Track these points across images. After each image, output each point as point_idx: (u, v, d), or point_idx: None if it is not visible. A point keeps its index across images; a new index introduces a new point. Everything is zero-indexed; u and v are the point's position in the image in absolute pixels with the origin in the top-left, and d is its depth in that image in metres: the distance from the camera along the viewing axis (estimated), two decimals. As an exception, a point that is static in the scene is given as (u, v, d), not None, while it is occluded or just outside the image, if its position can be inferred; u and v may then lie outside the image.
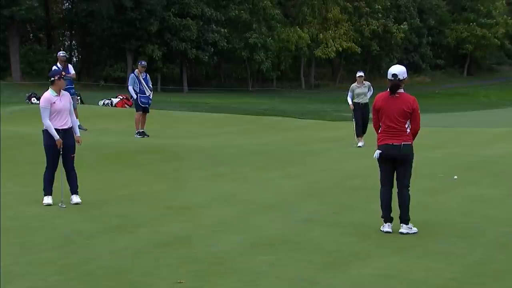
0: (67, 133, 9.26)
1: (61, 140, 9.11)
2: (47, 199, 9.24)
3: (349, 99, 16.44)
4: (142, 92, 17.13)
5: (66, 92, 9.61)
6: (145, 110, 17.27)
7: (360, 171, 12.27)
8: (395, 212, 7.77)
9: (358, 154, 14.86)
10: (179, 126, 21.49)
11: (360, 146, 16.03)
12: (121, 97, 30.86)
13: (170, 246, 7.02)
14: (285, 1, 66.59)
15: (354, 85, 16.45)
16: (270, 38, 60.02)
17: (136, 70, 17.48)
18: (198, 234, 7.57)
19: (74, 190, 9.39)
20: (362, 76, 16.45)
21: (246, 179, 11.75)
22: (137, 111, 17.36)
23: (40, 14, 55.07)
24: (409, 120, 7.64)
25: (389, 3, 67.54)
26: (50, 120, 9.10)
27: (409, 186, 7.76)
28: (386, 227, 7.74)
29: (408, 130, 7.67)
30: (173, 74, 60.70)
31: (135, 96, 17.22)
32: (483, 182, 11.45)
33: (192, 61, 58.64)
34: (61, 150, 9.16)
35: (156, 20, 53.60)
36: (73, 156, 9.38)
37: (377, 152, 7.75)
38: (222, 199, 9.89)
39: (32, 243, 7.10)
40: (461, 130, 21.61)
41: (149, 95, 17.28)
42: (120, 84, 48.56)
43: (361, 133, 16.32)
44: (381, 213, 7.83)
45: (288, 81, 67.44)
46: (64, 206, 9.06)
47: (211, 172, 12.51)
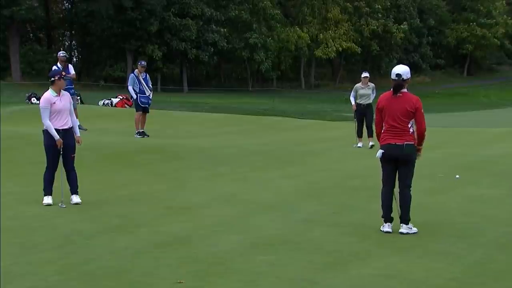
0: (68, 133, 9.26)
1: (61, 140, 9.12)
2: (47, 199, 9.25)
3: (352, 99, 16.35)
4: (142, 92, 17.13)
5: (66, 92, 9.61)
6: (145, 110, 17.27)
7: (360, 171, 12.28)
8: (396, 212, 7.77)
9: (358, 154, 14.87)
10: (179, 126, 21.49)
11: (359, 147, 15.99)
12: (121, 97, 30.86)
13: (170, 246, 7.02)
14: (285, 1, 66.60)
15: (358, 86, 16.33)
16: (270, 38, 60.03)
17: (136, 70, 17.48)
18: (198, 234, 7.57)
19: (74, 190, 9.39)
20: (367, 77, 16.31)
21: (246, 179, 11.75)
22: (137, 111, 17.37)
23: (40, 14, 55.10)
24: (412, 120, 7.63)
25: (389, 3, 67.55)
26: (50, 120, 9.11)
27: (411, 186, 7.76)
28: (386, 227, 7.74)
29: (411, 130, 7.66)
30: (173, 74, 60.72)
31: (135, 96, 17.22)
32: (483, 182, 11.46)
33: (192, 61, 58.65)
34: (61, 150, 9.16)
35: (156, 20, 53.63)
36: (73, 156, 9.38)
37: (380, 151, 7.74)
38: (222, 199, 9.89)
39: (32, 243, 7.10)
40: (461, 130, 21.61)
41: (149, 95, 17.29)
42: (120, 84, 48.55)
43: (361, 134, 16.26)
44: (381, 212, 7.83)
45: (288, 81, 67.43)
46: (64, 206, 9.07)
47: (211, 172, 12.51)
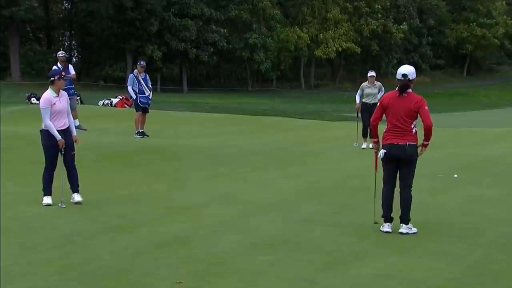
0: (66, 133, 9.29)
1: (63, 140, 9.13)
2: (47, 199, 9.24)
3: (357, 98, 16.12)
4: (141, 92, 17.13)
5: (65, 92, 9.61)
6: (145, 110, 17.26)
7: (360, 171, 12.26)
8: (396, 212, 7.77)
9: (358, 154, 14.86)
10: (179, 126, 21.48)
11: (364, 148, 15.69)
12: (121, 97, 30.84)
13: (170, 246, 7.02)
14: (285, 1, 66.59)
15: (365, 85, 16.08)
16: (270, 38, 60.02)
17: (135, 70, 17.48)
18: (198, 234, 7.57)
19: (75, 188, 9.40)
20: (373, 76, 16.04)
21: (246, 179, 11.75)
22: (136, 111, 17.37)
23: (40, 14, 55.05)
24: (416, 120, 7.61)
25: (388, 3, 67.52)
26: (50, 120, 9.11)
27: (412, 186, 7.76)
28: (386, 227, 7.74)
29: (414, 130, 7.65)
30: (173, 74, 60.66)
31: (134, 97, 17.21)
32: (483, 182, 11.46)
33: (192, 61, 58.64)
34: (62, 150, 9.17)
35: (156, 20, 53.61)
36: (74, 154, 9.39)
37: (382, 151, 7.74)
38: (222, 199, 9.89)
39: (32, 243, 7.10)
40: (461, 130, 21.60)
41: (149, 95, 17.29)
42: (119, 84, 48.52)
43: (366, 134, 15.88)
44: (381, 212, 7.83)
45: (288, 81, 67.40)
46: (64, 206, 9.06)
47: (211, 172, 12.51)
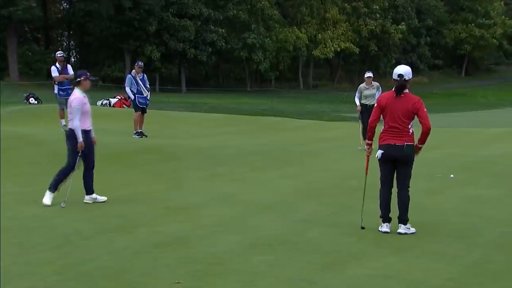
0: (89, 134, 9.43)
1: (83, 143, 9.19)
2: (48, 200, 9.14)
3: (356, 100, 16.08)
4: (139, 92, 17.15)
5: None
6: (143, 111, 17.28)
7: (358, 171, 12.21)
8: (394, 212, 7.78)
9: (357, 154, 14.85)
10: (177, 126, 21.49)
11: (365, 150, 15.72)
12: (119, 97, 30.86)
13: (169, 246, 7.02)
14: (283, 2, 66.69)
15: (362, 86, 16.05)
16: (268, 39, 60.07)
17: (133, 71, 17.48)
18: (197, 234, 7.57)
19: (92, 190, 9.47)
20: (371, 77, 16.02)
21: (245, 179, 11.75)
22: (135, 111, 17.39)
23: (38, 14, 55.08)
24: (413, 120, 7.62)
25: (387, 4, 67.64)
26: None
27: (409, 187, 7.77)
28: (384, 227, 7.75)
29: (411, 131, 7.65)
30: (171, 74, 60.72)
31: (132, 97, 17.23)
32: (481, 182, 11.47)
33: (191, 61, 58.66)
34: (86, 150, 9.23)
35: (155, 20, 53.65)
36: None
37: (379, 152, 7.75)
38: (221, 199, 9.89)
39: (31, 243, 7.09)
40: (459, 130, 21.63)
41: (147, 96, 17.30)
42: (118, 84, 48.52)
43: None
44: (379, 213, 7.84)
45: (287, 81, 67.49)
46: (64, 206, 9.05)
47: (209, 172, 12.51)
